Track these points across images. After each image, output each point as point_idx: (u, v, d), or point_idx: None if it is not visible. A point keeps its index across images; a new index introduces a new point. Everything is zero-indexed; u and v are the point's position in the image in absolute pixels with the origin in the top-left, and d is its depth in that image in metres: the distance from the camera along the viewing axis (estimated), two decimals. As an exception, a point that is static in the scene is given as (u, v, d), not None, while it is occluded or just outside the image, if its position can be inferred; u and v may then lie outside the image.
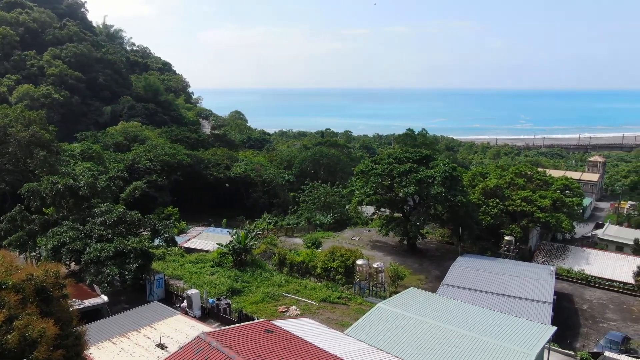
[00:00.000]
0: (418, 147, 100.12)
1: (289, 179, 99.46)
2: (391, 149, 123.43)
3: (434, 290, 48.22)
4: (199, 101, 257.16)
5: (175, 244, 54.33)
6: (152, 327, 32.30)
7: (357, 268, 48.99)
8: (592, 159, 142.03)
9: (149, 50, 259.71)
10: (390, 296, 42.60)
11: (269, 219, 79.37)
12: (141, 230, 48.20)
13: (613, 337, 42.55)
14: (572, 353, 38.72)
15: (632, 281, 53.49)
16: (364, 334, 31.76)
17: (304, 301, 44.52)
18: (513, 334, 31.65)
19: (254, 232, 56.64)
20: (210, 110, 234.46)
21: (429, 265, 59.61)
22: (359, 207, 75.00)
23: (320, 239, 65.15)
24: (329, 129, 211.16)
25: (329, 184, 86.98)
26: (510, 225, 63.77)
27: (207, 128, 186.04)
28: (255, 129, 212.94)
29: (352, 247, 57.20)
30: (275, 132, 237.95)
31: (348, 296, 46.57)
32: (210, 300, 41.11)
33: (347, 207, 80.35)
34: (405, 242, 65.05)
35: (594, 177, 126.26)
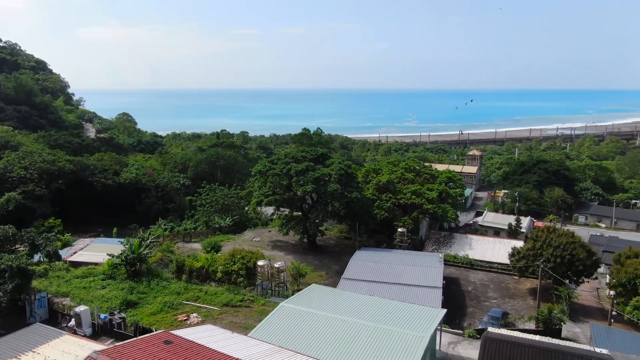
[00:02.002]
0: (314, 146, 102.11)
1: (185, 182, 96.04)
2: (288, 149, 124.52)
3: (334, 285, 49.57)
4: (81, 102, 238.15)
5: (59, 258, 50.15)
6: (34, 351, 29.33)
7: (259, 269, 48.74)
8: (470, 153, 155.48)
9: (19, 46, 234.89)
10: (292, 294, 42.95)
11: (164, 225, 76.10)
12: (17, 245, 43.64)
13: (494, 314, 47.02)
14: (461, 332, 42.05)
15: (507, 262, 59.35)
16: (268, 334, 31.69)
17: (206, 307, 43.32)
18: (409, 320, 33.56)
19: (149, 240, 53.78)
20: (94, 113, 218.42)
21: (329, 261, 61.09)
22: (258, 208, 74.65)
23: (219, 243, 63.82)
24: (225, 130, 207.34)
25: (227, 186, 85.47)
26: (402, 218, 67.55)
27: (91, 132, 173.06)
28: (146, 132, 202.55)
29: (252, 249, 56.82)
30: (167, 134, 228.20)
31: (251, 298, 46.16)
32: (102, 315, 38.30)
33: (246, 208, 79.54)
34: (305, 240, 66.00)
35: (473, 169, 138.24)
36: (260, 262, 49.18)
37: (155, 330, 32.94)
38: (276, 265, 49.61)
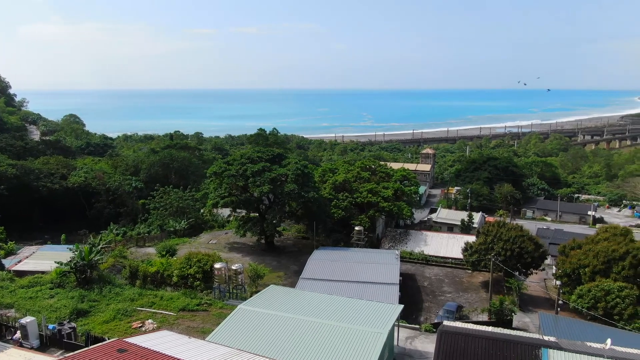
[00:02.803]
0: (270, 146, 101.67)
1: (137, 185, 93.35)
2: (244, 150, 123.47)
3: (293, 285, 49.53)
4: (24, 104, 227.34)
5: (2, 267, 47.72)
6: (-24, 367, 27.73)
7: (216, 272, 47.97)
8: (424, 151, 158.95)
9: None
10: (250, 296, 42.55)
11: (116, 229, 73.76)
12: (-45, 256, 41.10)
13: (449, 307, 48.31)
14: (418, 327, 42.89)
15: (461, 256, 61.07)
16: (226, 338, 31.25)
17: (161, 313, 42.26)
18: (367, 317, 33.94)
19: (100, 246, 51.99)
20: (38, 114, 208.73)
21: (287, 262, 60.95)
22: (215, 210, 73.55)
23: (175, 246, 62.40)
24: (179, 131, 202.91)
25: (181, 188, 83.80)
26: (359, 216, 68.27)
27: (35, 134, 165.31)
28: (95, 134, 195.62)
29: (209, 251, 55.88)
30: (118, 136, 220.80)
31: (208, 302, 45.39)
32: (51, 326, 36.63)
33: (201, 210, 78.24)
34: (262, 241, 65.56)
35: (426, 167, 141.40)
36: (217, 265, 48.44)
37: (108, 339, 31.85)
38: (233, 268, 49.01)
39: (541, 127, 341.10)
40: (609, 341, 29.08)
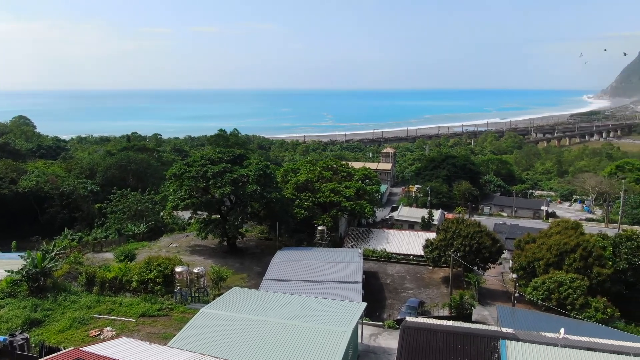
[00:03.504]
0: (231, 147, 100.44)
1: (93, 188, 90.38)
2: (204, 151, 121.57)
3: (256, 286, 49.20)
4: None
5: (-54, 278, 44.85)
6: None
7: (177, 276, 47.04)
8: (384, 150, 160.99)
9: None
10: (213, 299, 42.00)
11: (71, 235, 71.16)
12: None
13: (411, 304, 49.12)
14: (381, 324, 43.44)
15: (422, 253, 62.22)
16: (188, 342, 30.70)
17: (120, 320, 41.11)
18: (331, 316, 34.10)
19: (54, 252, 50.10)
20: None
21: (250, 263, 60.47)
22: (175, 213, 72.07)
23: (133, 251, 60.79)
24: (136, 133, 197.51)
25: (140, 191, 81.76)
26: (321, 216, 68.46)
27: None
28: (47, 136, 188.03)
29: (170, 255, 54.77)
30: (72, 138, 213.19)
31: (169, 306, 44.49)
32: (1, 338, 34.95)
33: (161, 213, 76.54)
34: (225, 243, 64.80)
35: (387, 166, 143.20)
36: (178, 269, 47.49)
37: (64, 349, 30.68)
38: (195, 271, 48.21)
39: (496, 126, 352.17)
40: (562, 330, 30.30)
